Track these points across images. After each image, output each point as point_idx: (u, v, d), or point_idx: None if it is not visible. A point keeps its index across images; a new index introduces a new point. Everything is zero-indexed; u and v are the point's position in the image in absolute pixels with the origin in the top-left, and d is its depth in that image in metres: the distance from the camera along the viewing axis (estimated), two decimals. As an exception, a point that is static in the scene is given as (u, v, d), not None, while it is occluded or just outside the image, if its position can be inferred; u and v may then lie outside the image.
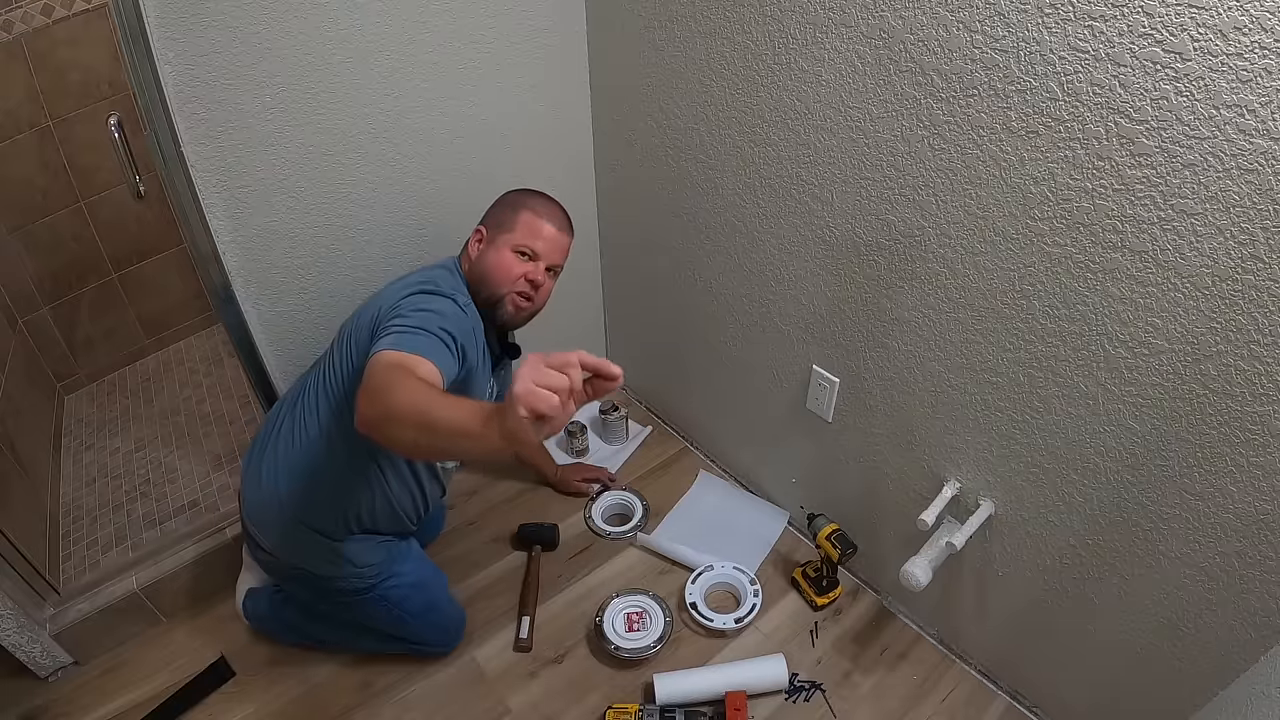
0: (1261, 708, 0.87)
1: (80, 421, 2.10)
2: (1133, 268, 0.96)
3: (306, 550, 1.31)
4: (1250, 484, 0.95)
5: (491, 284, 1.30)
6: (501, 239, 1.31)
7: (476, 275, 1.32)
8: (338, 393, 1.25)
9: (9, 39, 1.76)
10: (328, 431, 1.27)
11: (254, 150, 1.31)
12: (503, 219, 1.33)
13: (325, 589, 1.35)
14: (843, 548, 1.51)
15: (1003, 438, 1.22)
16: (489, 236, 1.34)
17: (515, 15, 1.50)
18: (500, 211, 1.35)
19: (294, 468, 1.28)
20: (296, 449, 1.29)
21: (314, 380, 1.31)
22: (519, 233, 1.31)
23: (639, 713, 1.38)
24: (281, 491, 1.29)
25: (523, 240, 1.31)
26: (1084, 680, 1.29)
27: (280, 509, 1.29)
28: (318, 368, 1.33)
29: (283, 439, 1.31)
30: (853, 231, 1.29)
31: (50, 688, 1.49)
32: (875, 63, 1.12)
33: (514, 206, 1.34)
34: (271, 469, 1.30)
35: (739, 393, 1.75)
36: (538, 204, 1.35)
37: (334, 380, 1.27)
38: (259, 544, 1.36)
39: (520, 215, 1.32)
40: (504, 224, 1.33)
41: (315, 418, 1.28)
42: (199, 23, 1.17)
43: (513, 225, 1.32)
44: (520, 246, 1.31)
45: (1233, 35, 0.77)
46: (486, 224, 1.35)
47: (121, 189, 1.95)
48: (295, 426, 1.30)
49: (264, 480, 1.31)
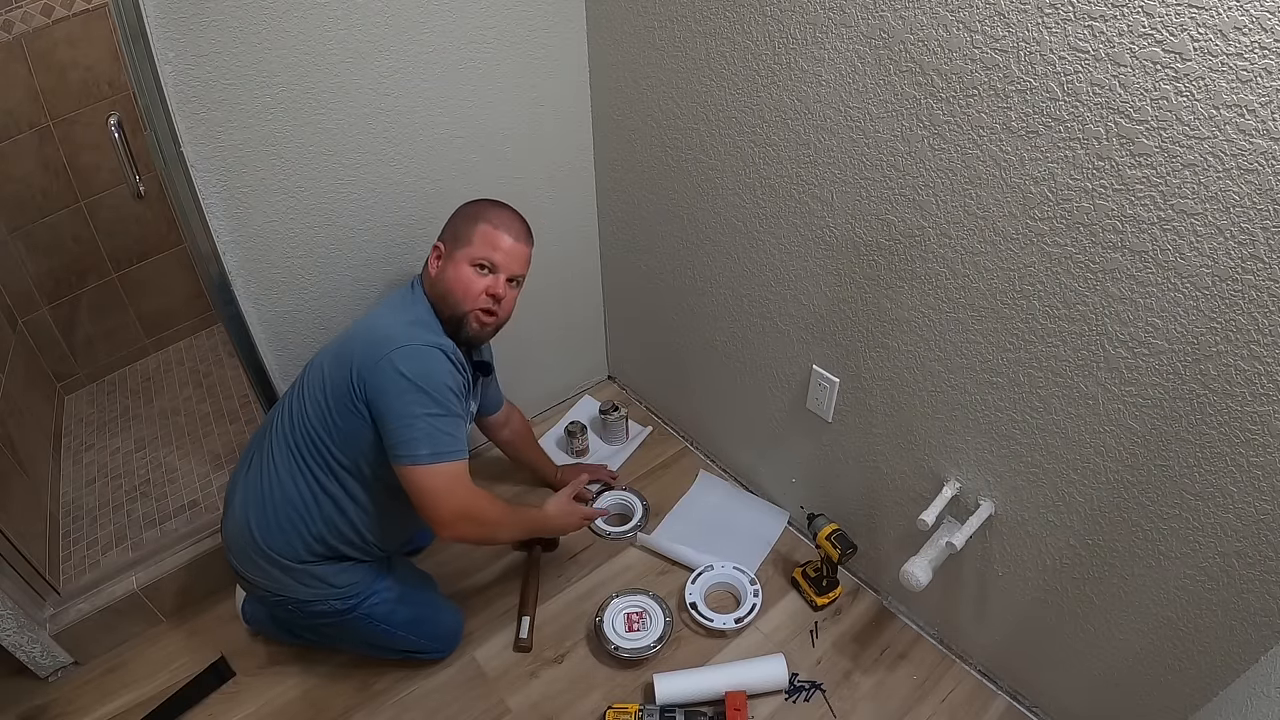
0: (1261, 707, 0.87)
1: (80, 421, 2.10)
2: (1133, 268, 0.96)
3: (282, 576, 1.29)
4: (1250, 484, 0.95)
5: (453, 302, 1.28)
6: (459, 254, 1.29)
7: (438, 293, 1.30)
8: (309, 438, 1.25)
9: (9, 39, 1.76)
10: (296, 472, 1.26)
11: (254, 150, 1.31)
12: (459, 232, 1.30)
13: (308, 612, 1.33)
14: (843, 548, 1.51)
15: (1003, 438, 1.22)
16: (446, 252, 1.31)
17: (515, 15, 1.50)
18: (456, 225, 1.32)
19: (262, 505, 1.28)
20: (266, 487, 1.28)
21: (284, 421, 1.30)
22: (476, 245, 1.28)
23: (639, 713, 1.38)
24: (251, 526, 1.28)
25: (481, 253, 1.28)
26: (1084, 680, 1.29)
27: (251, 542, 1.28)
28: (286, 407, 1.32)
29: (253, 474, 1.30)
30: (853, 231, 1.29)
31: (50, 688, 1.49)
32: (875, 63, 1.12)
33: (470, 219, 1.31)
34: (242, 503, 1.30)
35: (739, 393, 1.75)
36: (494, 214, 1.31)
37: (305, 425, 1.26)
38: (236, 571, 1.35)
39: (477, 227, 1.29)
40: (460, 238, 1.30)
41: (286, 458, 1.27)
42: (199, 23, 1.17)
43: (469, 238, 1.29)
44: (478, 259, 1.28)
45: (1233, 35, 0.77)
46: (444, 239, 1.32)
47: (121, 189, 1.95)
48: (265, 464, 1.29)
49: (236, 513, 1.31)
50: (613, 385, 2.26)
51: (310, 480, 1.26)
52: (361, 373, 1.18)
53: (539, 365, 2.02)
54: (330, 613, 1.33)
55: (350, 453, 1.24)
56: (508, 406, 1.72)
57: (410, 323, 1.25)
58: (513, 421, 1.75)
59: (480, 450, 1.95)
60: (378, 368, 1.16)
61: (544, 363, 2.03)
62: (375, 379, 1.16)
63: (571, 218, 1.86)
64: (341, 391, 1.20)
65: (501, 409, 1.69)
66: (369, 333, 1.24)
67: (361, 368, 1.18)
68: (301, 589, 1.30)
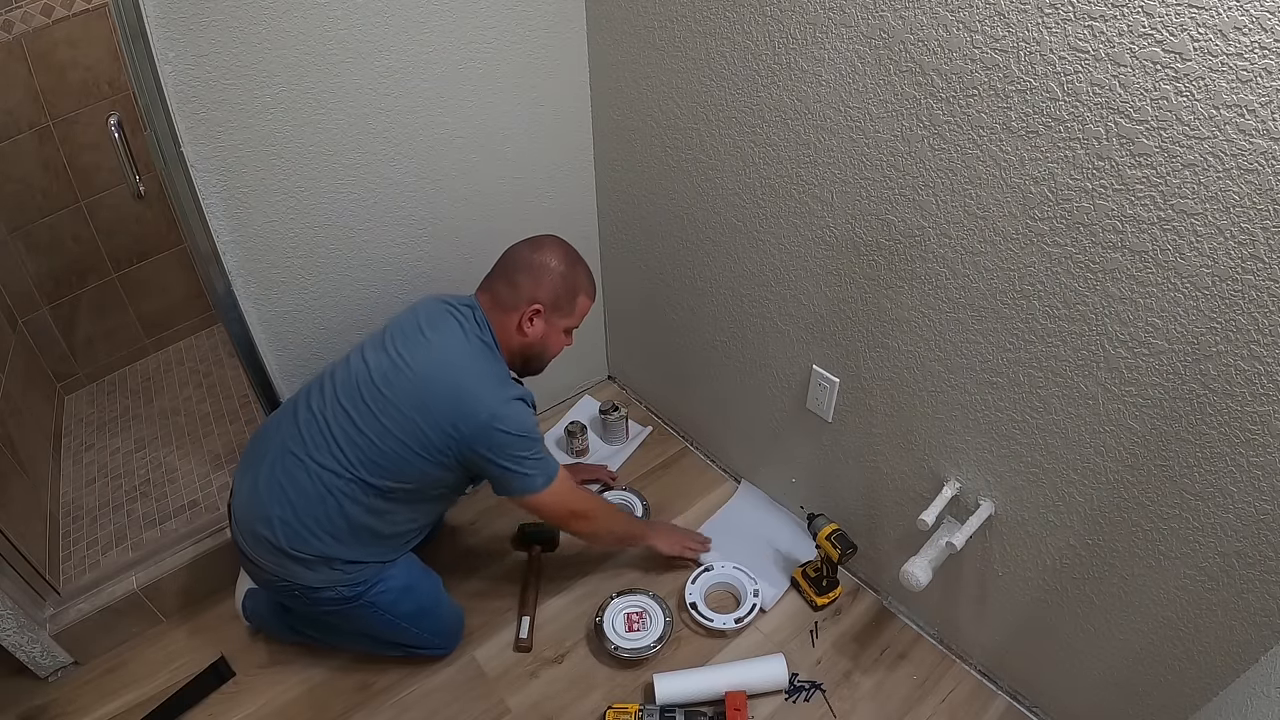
0: (1261, 707, 0.87)
1: (80, 421, 2.10)
2: (1133, 268, 0.96)
3: (292, 565, 1.30)
4: (1250, 484, 0.95)
5: (545, 359, 1.45)
6: (561, 323, 1.41)
7: (533, 353, 1.42)
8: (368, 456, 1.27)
9: (9, 39, 1.76)
10: (345, 482, 1.27)
11: (254, 150, 1.31)
12: (560, 301, 1.38)
13: (313, 599, 1.34)
14: (843, 548, 1.51)
15: (1003, 438, 1.22)
16: (548, 318, 1.38)
17: (515, 15, 1.50)
18: (556, 290, 1.37)
19: (292, 507, 1.27)
20: (307, 494, 1.27)
21: (334, 437, 1.28)
22: (576, 318, 1.43)
23: (639, 713, 1.38)
24: (274, 522, 1.28)
25: (577, 324, 1.45)
26: (1084, 680, 1.29)
27: (271, 535, 1.28)
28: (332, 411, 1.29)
29: (289, 475, 1.29)
30: (853, 231, 1.29)
31: (50, 688, 1.50)
32: (875, 63, 1.12)
33: (570, 288, 1.39)
34: (267, 496, 1.29)
35: (739, 393, 1.75)
36: (587, 282, 1.43)
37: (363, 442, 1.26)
38: (244, 554, 1.35)
39: (578, 301, 1.41)
40: (563, 308, 1.40)
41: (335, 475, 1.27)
42: (199, 23, 1.17)
43: (571, 310, 1.41)
44: (573, 328, 1.45)
45: (1233, 35, 0.77)
46: (543, 303, 1.36)
47: (121, 189, 1.95)
48: (308, 470, 1.28)
49: (258, 504, 1.30)
50: (613, 385, 2.26)
51: (359, 494, 1.28)
52: (462, 437, 1.26)
53: (539, 365, 2.02)
54: (337, 599, 1.34)
55: (418, 481, 1.31)
56: None
57: (496, 381, 1.32)
58: None
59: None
60: (481, 435, 1.26)
61: (544, 363, 2.03)
62: (484, 440, 1.27)
63: (571, 218, 1.86)
64: (434, 449, 1.27)
65: None
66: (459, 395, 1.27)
67: (461, 434, 1.26)
68: (311, 575, 1.31)
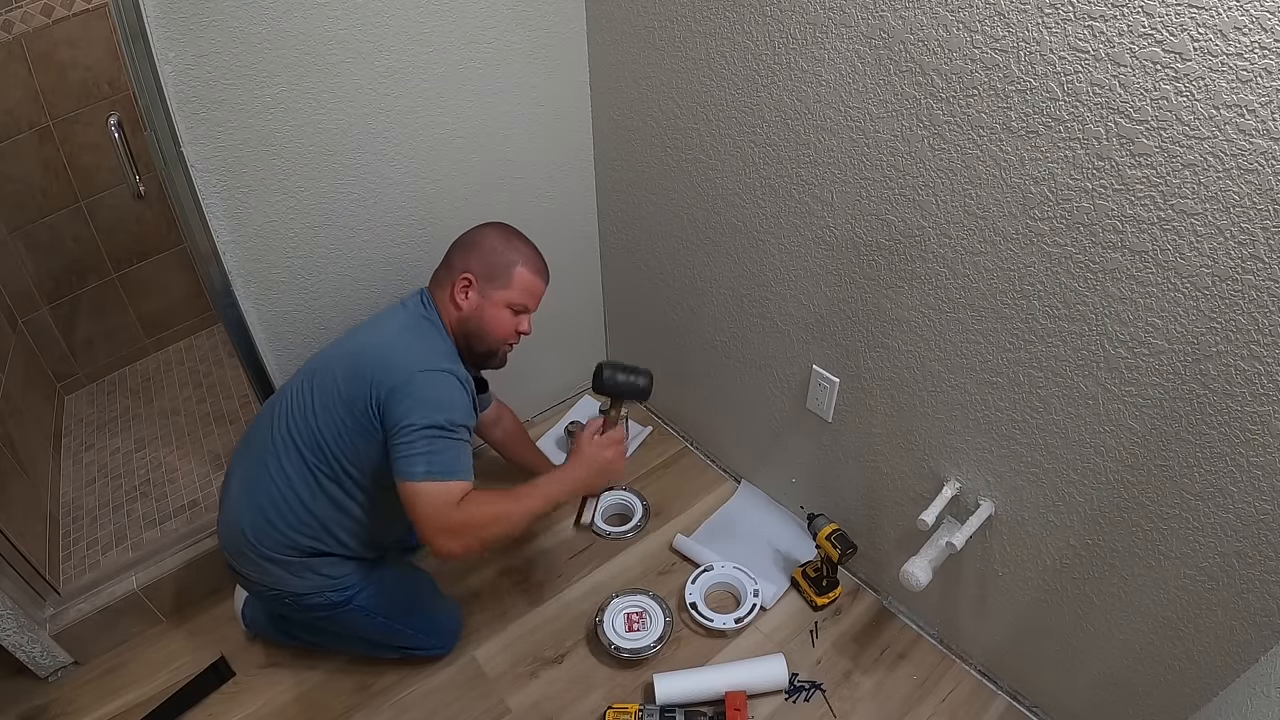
0: (1261, 707, 0.87)
1: (80, 421, 2.10)
2: (1133, 268, 0.96)
3: (276, 570, 1.29)
4: (1250, 484, 0.95)
5: (489, 340, 1.34)
6: (496, 295, 1.32)
7: (470, 329, 1.33)
8: (318, 445, 1.26)
9: (9, 39, 1.76)
10: (300, 476, 1.26)
11: (254, 150, 1.31)
12: (495, 272, 1.32)
13: (303, 605, 1.33)
14: (843, 548, 1.51)
15: (1003, 438, 1.22)
16: (479, 289, 1.32)
17: (515, 15, 1.50)
18: (488, 260, 1.32)
19: (259, 503, 1.27)
20: (264, 485, 1.27)
21: (287, 422, 1.29)
22: (515, 290, 1.33)
23: (639, 713, 1.38)
24: (243, 523, 1.28)
25: (520, 300, 1.34)
26: (1084, 680, 1.29)
27: (242, 537, 1.28)
28: (288, 408, 1.30)
29: (250, 471, 1.29)
30: (853, 231, 1.29)
31: (50, 688, 1.50)
32: (875, 63, 1.12)
33: (504, 259, 1.32)
34: (238, 499, 1.30)
35: (739, 393, 1.75)
36: (528, 256, 1.35)
37: (314, 432, 1.26)
38: (231, 567, 1.35)
39: (515, 272, 1.32)
40: (497, 278, 1.32)
41: (290, 461, 1.27)
42: (199, 23, 1.17)
43: (508, 281, 1.32)
44: (517, 304, 1.34)
45: (1233, 35, 0.77)
46: (474, 272, 1.31)
47: (121, 189, 1.95)
48: (264, 462, 1.28)
49: (231, 508, 1.30)
50: (613, 385, 2.25)
51: (313, 483, 1.27)
52: (379, 396, 1.20)
53: (539, 365, 2.02)
54: (325, 605, 1.33)
55: (360, 464, 1.26)
56: (496, 404, 1.71)
57: (428, 349, 1.27)
58: (504, 420, 1.74)
59: (476, 451, 1.94)
60: (395, 392, 1.19)
61: (544, 363, 2.03)
62: (392, 403, 1.19)
63: (571, 218, 1.86)
64: (359, 410, 1.22)
65: (490, 406, 1.69)
66: (386, 354, 1.24)
67: (380, 391, 1.20)
68: (296, 581, 1.30)
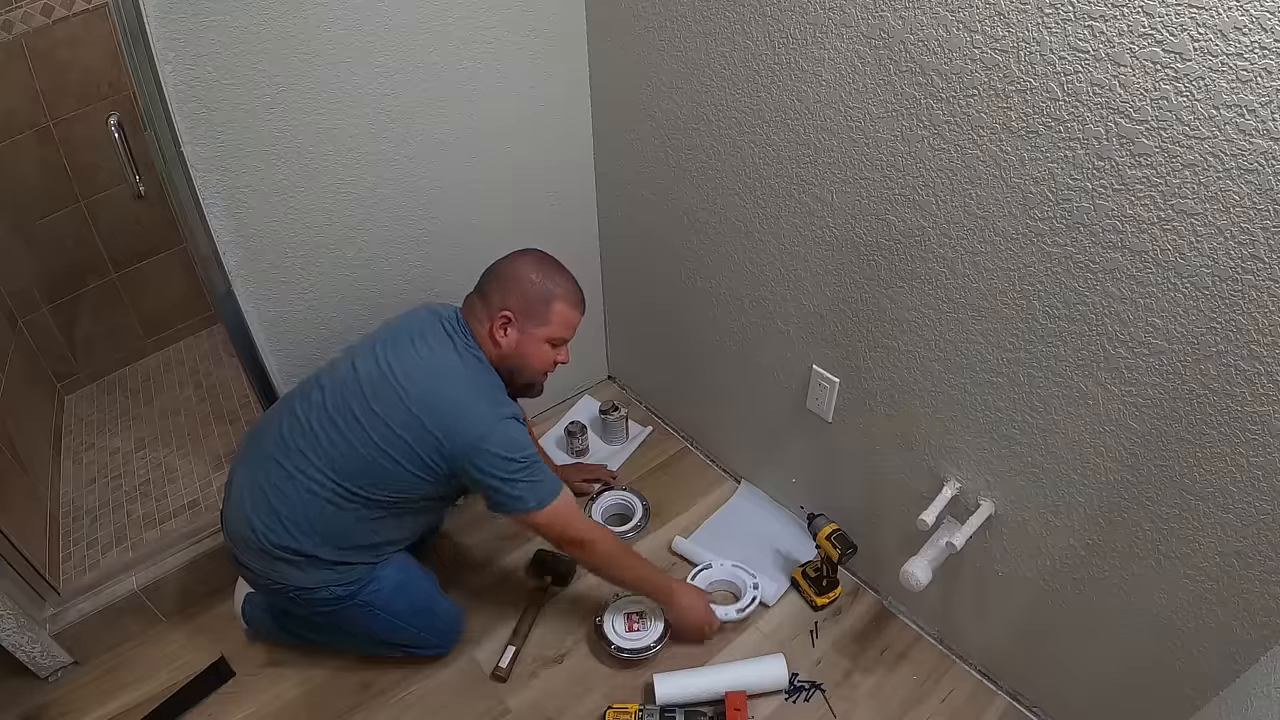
0: (1261, 707, 0.87)
1: (80, 421, 2.10)
2: (1133, 268, 0.96)
3: (283, 566, 1.30)
4: (1250, 484, 0.95)
5: (529, 374, 1.39)
6: (536, 332, 1.35)
7: (512, 363, 1.36)
8: (344, 460, 1.26)
9: (9, 39, 1.76)
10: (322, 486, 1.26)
11: (254, 150, 1.31)
12: (533, 309, 1.33)
13: (307, 600, 1.33)
14: (843, 548, 1.51)
15: (1003, 438, 1.22)
16: (520, 325, 1.33)
17: (515, 15, 1.50)
18: (527, 296, 1.33)
19: (274, 510, 1.27)
20: (292, 500, 1.27)
21: (319, 442, 1.27)
22: (554, 326, 1.36)
23: (639, 713, 1.38)
24: (257, 526, 1.27)
25: (558, 334, 1.37)
26: (1084, 680, 1.29)
27: (253, 538, 1.28)
28: (304, 413, 1.29)
29: (272, 482, 1.28)
30: (853, 231, 1.29)
31: (50, 688, 1.49)
32: (875, 63, 1.12)
33: (543, 295, 1.34)
34: (251, 501, 1.29)
35: (739, 393, 1.75)
36: (565, 290, 1.37)
37: (332, 444, 1.26)
38: (236, 559, 1.35)
39: (553, 308, 1.35)
40: (535, 315, 1.34)
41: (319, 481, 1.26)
42: (199, 23, 1.17)
43: (547, 318, 1.35)
44: (555, 339, 1.37)
45: (1233, 35, 0.77)
46: (512, 309, 1.32)
47: (121, 189, 1.95)
48: (292, 477, 1.27)
49: (243, 509, 1.29)
50: (613, 385, 2.26)
51: (336, 498, 1.27)
52: (454, 449, 1.24)
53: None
54: (330, 599, 1.33)
55: (393, 489, 1.29)
56: None
57: (492, 400, 1.30)
58: None
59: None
60: (475, 450, 1.24)
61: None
62: (472, 459, 1.24)
63: (571, 218, 1.86)
64: (422, 464, 1.25)
65: None
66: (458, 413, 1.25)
67: (454, 444, 1.24)
68: (301, 576, 1.30)
